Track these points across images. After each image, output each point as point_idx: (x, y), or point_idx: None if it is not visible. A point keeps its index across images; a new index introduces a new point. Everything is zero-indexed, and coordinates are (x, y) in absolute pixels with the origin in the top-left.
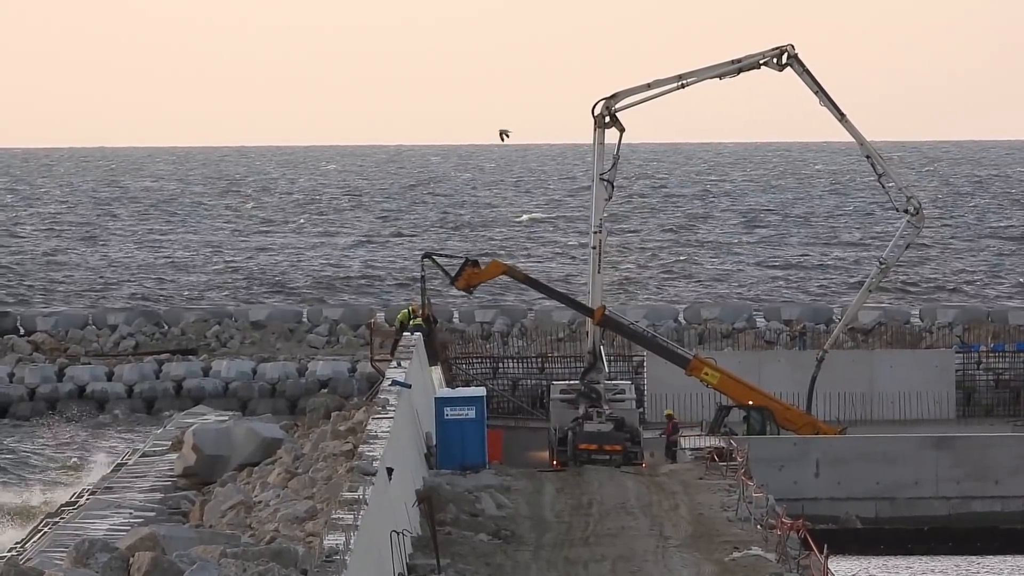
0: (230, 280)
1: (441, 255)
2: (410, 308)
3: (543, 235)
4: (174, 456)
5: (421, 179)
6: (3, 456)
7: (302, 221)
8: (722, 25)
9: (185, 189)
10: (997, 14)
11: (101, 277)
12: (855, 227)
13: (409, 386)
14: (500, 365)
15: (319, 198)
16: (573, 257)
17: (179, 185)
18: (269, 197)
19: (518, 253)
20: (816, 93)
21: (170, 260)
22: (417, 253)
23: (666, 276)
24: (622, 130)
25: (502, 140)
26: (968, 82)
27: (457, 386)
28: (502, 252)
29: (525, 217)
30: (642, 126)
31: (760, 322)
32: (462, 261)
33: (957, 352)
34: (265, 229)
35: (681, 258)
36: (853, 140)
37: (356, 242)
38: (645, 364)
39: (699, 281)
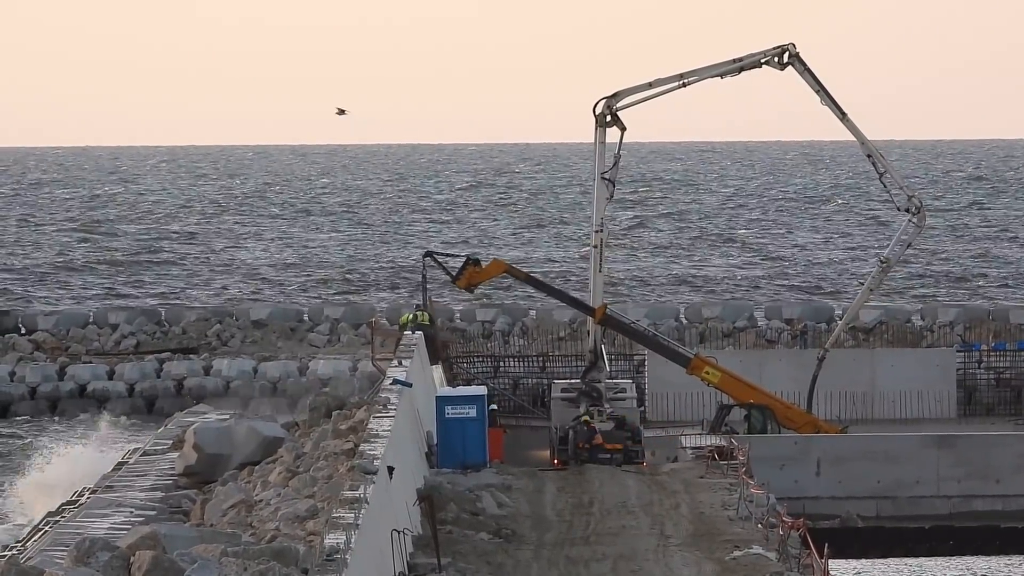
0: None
1: (442, 254)
2: (414, 314)
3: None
4: (175, 455)
5: (479, 176)
6: (3, 455)
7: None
8: (723, 24)
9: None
10: (998, 13)
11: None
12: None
13: (410, 385)
14: (501, 364)
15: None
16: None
17: (271, 181)
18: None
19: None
20: (817, 92)
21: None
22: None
23: (673, 275)
24: (623, 129)
25: (341, 113)
26: (969, 81)
27: (458, 385)
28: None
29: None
30: (643, 125)
31: (761, 321)
32: (463, 260)
33: (958, 351)
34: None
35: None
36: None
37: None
38: (646, 363)
39: (700, 279)
